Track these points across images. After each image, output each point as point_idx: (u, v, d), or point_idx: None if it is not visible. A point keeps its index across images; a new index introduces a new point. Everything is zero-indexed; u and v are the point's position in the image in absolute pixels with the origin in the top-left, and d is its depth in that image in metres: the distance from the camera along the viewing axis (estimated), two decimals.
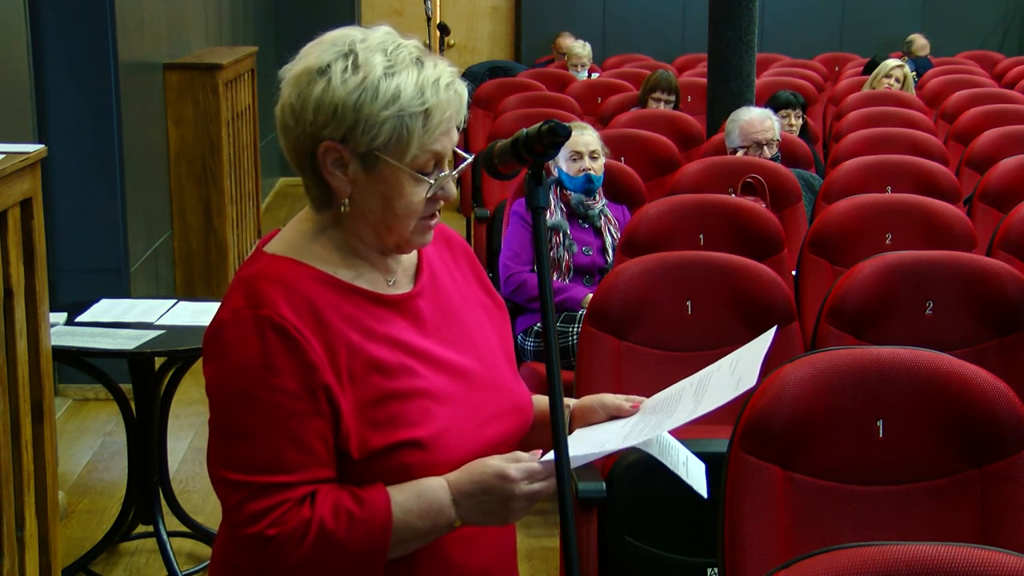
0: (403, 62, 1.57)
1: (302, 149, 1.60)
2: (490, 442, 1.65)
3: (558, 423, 1.49)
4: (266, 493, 1.53)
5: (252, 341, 1.54)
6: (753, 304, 3.15)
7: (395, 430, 1.57)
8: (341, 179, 1.59)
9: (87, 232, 4.76)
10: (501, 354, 1.77)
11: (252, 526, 1.53)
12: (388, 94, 1.55)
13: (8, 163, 2.63)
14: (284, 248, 1.64)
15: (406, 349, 1.62)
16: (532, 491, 1.58)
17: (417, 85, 1.56)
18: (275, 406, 1.53)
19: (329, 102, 1.55)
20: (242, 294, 1.58)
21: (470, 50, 10.63)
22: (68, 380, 4.81)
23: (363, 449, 1.56)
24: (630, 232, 3.76)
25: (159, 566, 3.52)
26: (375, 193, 1.60)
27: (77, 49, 4.67)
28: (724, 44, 5.53)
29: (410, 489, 1.57)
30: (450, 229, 1.84)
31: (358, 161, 1.58)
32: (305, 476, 1.54)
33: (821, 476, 2.18)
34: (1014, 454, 2.14)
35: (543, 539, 3.68)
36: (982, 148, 5.42)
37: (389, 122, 1.55)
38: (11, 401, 2.68)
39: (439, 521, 1.57)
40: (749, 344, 1.76)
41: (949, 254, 3.16)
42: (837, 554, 1.62)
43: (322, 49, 1.59)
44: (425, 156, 1.58)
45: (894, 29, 10.61)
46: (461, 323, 1.72)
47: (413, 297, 1.68)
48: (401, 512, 1.55)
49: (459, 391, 1.65)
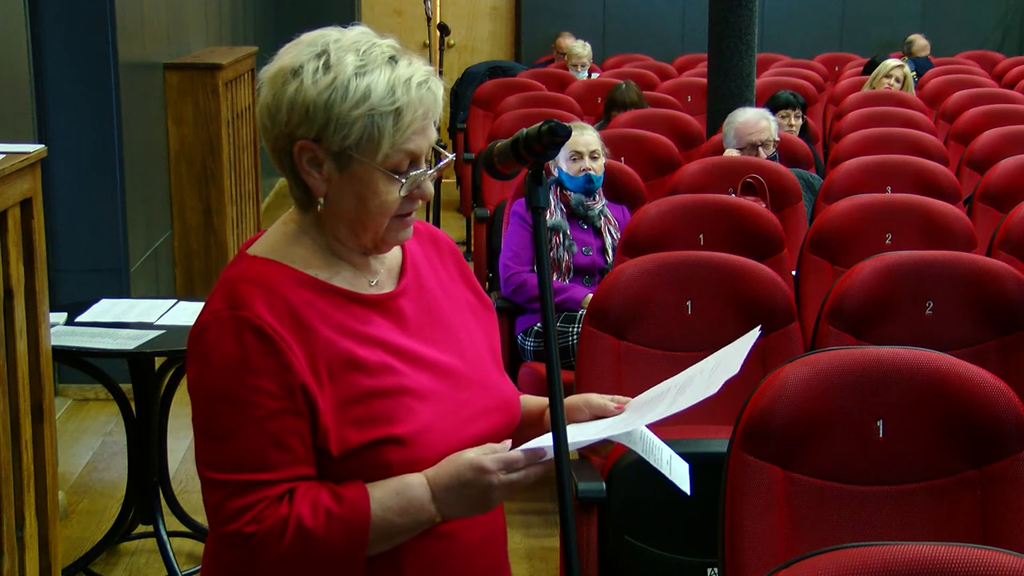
0: (375, 61, 1.58)
1: (281, 149, 1.62)
2: (474, 438, 1.65)
3: (558, 423, 1.49)
4: (245, 491, 1.54)
5: (230, 342, 1.55)
6: (753, 304, 3.15)
7: (375, 427, 1.59)
8: (317, 178, 1.61)
9: (87, 232, 4.76)
10: (487, 352, 1.77)
11: (231, 523, 1.55)
12: (358, 93, 1.56)
13: (8, 163, 2.63)
14: (265, 250, 1.66)
15: (387, 348, 1.63)
16: (510, 480, 1.58)
17: (388, 84, 1.57)
18: (253, 405, 1.54)
19: (301, 102, 1.57)
20: (222, 296, 1.60)
21: (470, 50, 10.62)
22: (68, 380, 4.81)
23: (342, 446, 1.57)
24: (630, 232, 3.76)
25: (159, 566, 3.52)
26: (350, 192, 1.61)
27: (77, 49, 4.67)
28: (724, 44, 5.53)
29: (389, 486, 1.58)
30: (438, 229, 1.85)
31: (332, 160, 1.59)
32: (284, 474, 1.55)
33: (821, 476, 2.18)
34: (1014, 454, 2.14)
35: (543, 539, 3.68)
36: (982, 148, 5.42)
37: (360, 121, 1.56)
38: (11, 401, 2.68)
39: (420, 517, 1.58)
40: (732, 343, 1.77)
41: (949, 254, 3.16)
42: (837, 554, 1.62)
43: (298, 50, 1.61)
44: (398, 156, 1.59)
45: (894, 29, 10.61)
46: (446, 322, 1.72)
47: (395, 296, 1.68)
48: (380, 509, 1.56)
49: (442, 389, 1.65)
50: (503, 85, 7.52)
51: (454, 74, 9.44)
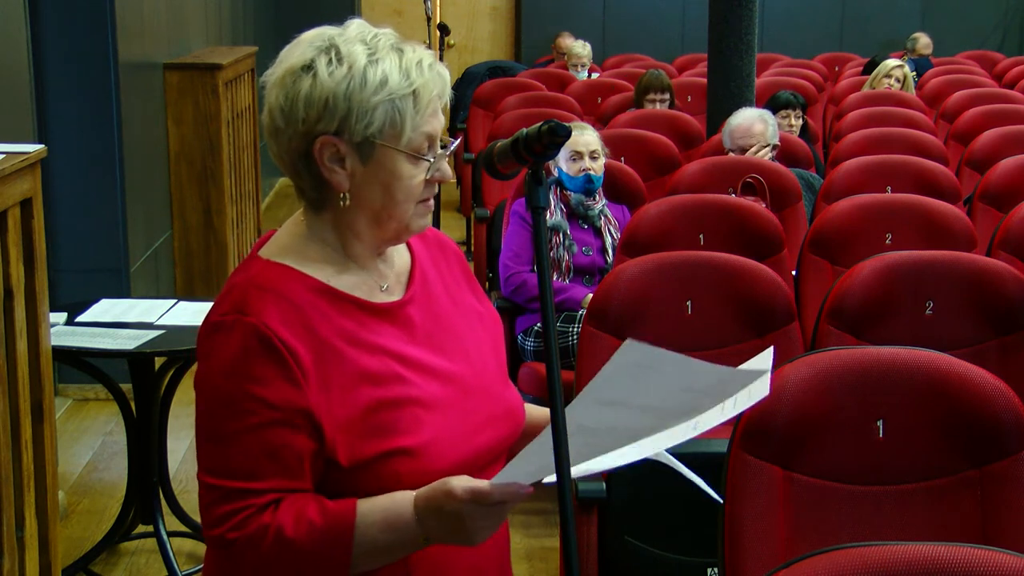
0: (383, 49, 1.59)
1: (295, 150, 1.60)
2: (482, 448, 1.65)
3: (558, 423, 1.49)
4: (232, 498, 1.54)
5: (235, 347, 1.55)
6: (753, 304, 3.15)
7: (385, 439, 1.58)
8: (340, 174, 1.60)
9: (87, 232, 4.76)
10: (492, 360, 1.76)
11: (216, 528, 1.56)
12: (376, 80, 1.57)
13: (8, 163, 2.63)
14: (277, 253, 1.65)
15: (396, 357, 1.63)
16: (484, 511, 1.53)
17: (402, 69, 1.58)
18: (249, 413, 1.54)
19: (319, 96, 1.57)
20: (232, 299, 1.59)
21: (470, 50, 10.63)
22: (68, 380, 4.81)
23: (352, 458, 1.57)
24: (630, 232, 3.76)
25: (159, 566, 3.52)
26: (374, 182, 1.60)
27: (77, 49, 4.67)
28: (724, 44, 5.53)
29: (379, 502, 1.56)
30: (445, 235, 1.84)
31: (355, 152, 1.59)
32: (272, 484, 1.55)
33: (821, 476, 2.18)
34: (1014, 454, 2.14)
35: (543, 539, 3.68)
36: (982, 148, 5.42)
37: (381, 107, 1.57)
38: (11, 401, 2.68)
39: (405, 536, 1.56)
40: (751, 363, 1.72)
41: (949, 254, 3.16)
42: (837, 554, 1.62)
43: (301, 48, 1.61)
44: (419, 138, 1.60)
45: (894, 29, 10.62)
46: (453, 329, 1.72)
47: (404, 305, 1.68)
48: (364, 525, 1.55)
49: (450, 398, 1.65)
50: (503, 85, 7.52)
51: (454, 74, 9.43)
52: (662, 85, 6.37)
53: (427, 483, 1.57)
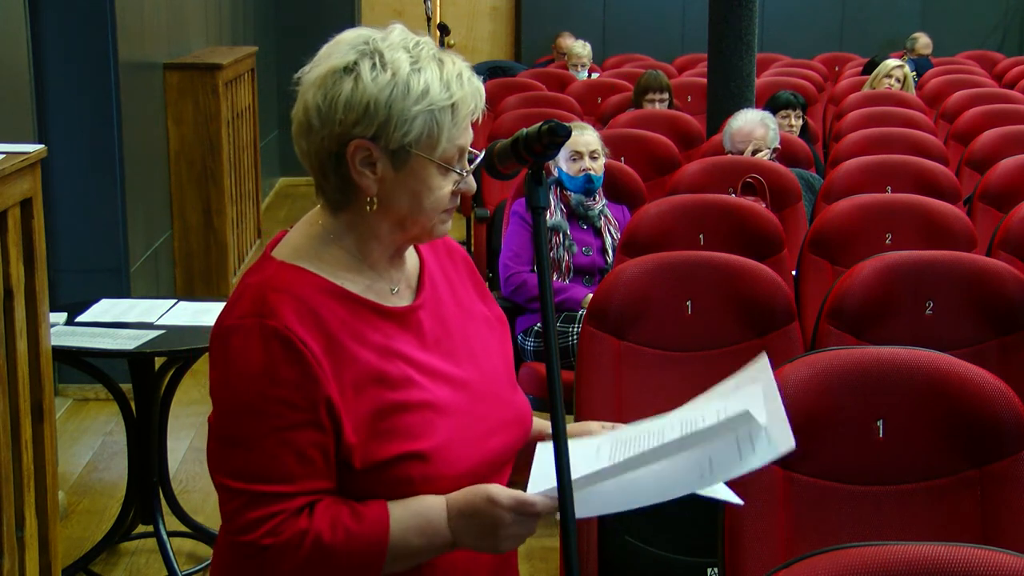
0: (425, 58, 1.59)
1: (326, 150, 1.59)
2: (493, 453, 1.66)
3: (558, 423, 1.49)
4: (263, 502, 1.53)
5: (256, 351, 1.54)
6: (753, 304, 3.15)
7: (398, 442, 1.58)
8: (370, 178, 1.59)
9: (87, 232, 4.76)
10: (501, 364, 1.76)
11: (248, 534, 1.54)
12: (418, 90, 1.56)
13: (8, 163, 2.63)
14: (292, 254, 1.64)
15: (408, 361, 1.62)
16: (521, 520, 1.56)
17: (443, 80, 1.58)
18: (276, 416, 1.53)
19: (360, 100, 1.56)
20: (249, 301, 1.58)
21: (470, 50, 10.62)
22: (68, 380, 4.81)
23: (365, 460, 1.57)
24: (630, 232, 3.76)
25: (159, 566, 3.52)
26: (404, 189, 1.60)
27: (77, 49, 4.68)
28: (724, 44, 5.53)
29: (410, 506, 1.57)
30: (453, 241, 1.84)
31: (388, 158, 1.58)
32: (303, 487, 1.54)
33: (821, 476, 2.18)
34: (1014, 454, 2.14)
35: (543, 539, 3.68)
36: (982, 148, 5.42)
37: (421, 116, 1.56)
38: (11, 401, 2.68)
39: (435, 540, 1.57)
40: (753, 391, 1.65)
41: (949, 254, 3.16)
42: (837, 554, 1.62)
43: (342, 50, 1.59)
44: (452, 150, 1.60)
45: (894, 29, 10.62)
46: (461, 334, 1.72)
47: (415, 310, 1.68)
48: (398, 529, 1.55)
49: (461, 403, 1.65)
50: (503, 85, 7.52)
51: None
52: (660, 85, 6.37)
53: (439, 488, 1.58)
